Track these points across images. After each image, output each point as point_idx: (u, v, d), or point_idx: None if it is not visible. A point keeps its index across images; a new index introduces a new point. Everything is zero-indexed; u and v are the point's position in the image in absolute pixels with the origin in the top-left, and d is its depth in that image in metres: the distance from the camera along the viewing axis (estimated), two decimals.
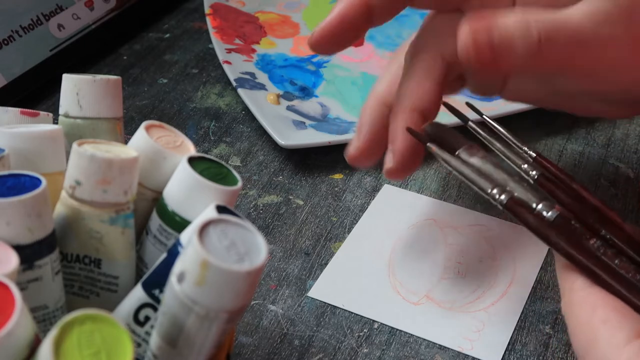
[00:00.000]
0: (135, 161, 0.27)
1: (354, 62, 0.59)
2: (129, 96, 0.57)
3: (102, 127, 0.32)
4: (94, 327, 0.21)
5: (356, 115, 0.53)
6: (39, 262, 0.25)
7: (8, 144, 0.28)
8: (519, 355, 0.38)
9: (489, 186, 0.32)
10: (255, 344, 0.39)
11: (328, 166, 0.50)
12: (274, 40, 0.61)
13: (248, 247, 0.24)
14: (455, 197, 0.47)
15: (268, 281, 0.42)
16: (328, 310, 0.40)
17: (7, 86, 0.54)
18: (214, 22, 0.61)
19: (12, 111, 0.32)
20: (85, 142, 0.27)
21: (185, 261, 0.23)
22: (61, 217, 0.27)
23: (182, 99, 0.56)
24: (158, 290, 0.26)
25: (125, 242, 0.28)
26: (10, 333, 0.21)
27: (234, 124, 0.54)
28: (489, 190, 0.32)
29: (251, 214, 0.46)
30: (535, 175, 0.34)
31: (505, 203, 0.31)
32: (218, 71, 0.59)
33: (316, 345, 0.39)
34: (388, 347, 0.38)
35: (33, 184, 0.25)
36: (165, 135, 0.30)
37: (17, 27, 0.55)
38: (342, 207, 0.47)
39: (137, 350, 0.27)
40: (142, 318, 0.27)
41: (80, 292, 0.28)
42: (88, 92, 0.31)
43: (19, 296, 0.21)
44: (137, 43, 0.63)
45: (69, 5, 0.58)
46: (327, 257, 0.43)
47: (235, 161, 0.51)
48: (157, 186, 0.29)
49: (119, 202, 0.27)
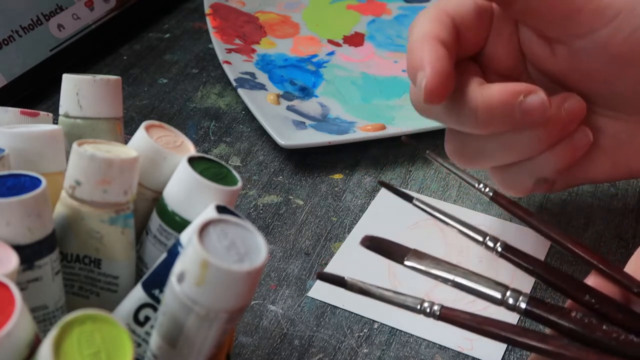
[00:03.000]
0: (135, 161, 0.27)
1: (354, 62, 0.59)
2: (129, 96, 0.57)
3: (102, 127, 0.32)
4: (94, 327, 0.21)
5: (356, 115, 0.53)
6: (39, 262, 0.25)
7: (8, 144, 0.28)
8: (519, 355, 0.38)
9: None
10: (255, 344, 0.39)
11: (328, 166, 0.50)
12: (274, 40, 0.61)
13: (248, 247, 0.24)
14: (455, 197, 0.47)
15: (268, 281, 0.42)
16: (328, 310, 0.40)
17: (7, 86, 0.54)
18: (214, 22, 0.61)
19: (12, 111, 0.32)
20: (85, 142, 0.27)
21: (185, 261, 0.23)
22: (61, 217, 0.27)
23: (182, 99, 0.56)
24: (158, 290, 0.26)
25: (125, 242, 0.28)
26: (10, 333, 0.21)
27: (234, 124, 0.54)
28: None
29: (251, 214, 0.46)
30: (499, 247, 0.33)
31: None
32: (218, 71, 0.59)
33: (316, 345, 0.39)
34: (388, 347, 0.38)
35: (33, 184, 0.25)
36: (165, 135, 0.30)
37: (17, 27, 0.55)
38: (342, 207, 0.47)
39: (137, 350, 0.27)
40: (142, 318, 0.27)
41: (80, 292, 0.28)
42: (88, 92, 0.31)
43: (19, 296, 0.21)
44: (137, 43, 0.63)
45: (69, 5, 0.58)
46: (327, 257, 0.43)
47: (235, 161, 0.51)
48: (157, 186, 0.29)
49: (119, 202, 0.27)
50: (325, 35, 0.62)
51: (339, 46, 0.61)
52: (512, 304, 0.31)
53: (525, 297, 0.31)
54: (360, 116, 0.53)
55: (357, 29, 0.63)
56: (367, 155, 0.51)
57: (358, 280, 0.32)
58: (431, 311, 0.31)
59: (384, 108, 0.54)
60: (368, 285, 0.32)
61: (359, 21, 0.64)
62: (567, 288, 0.32)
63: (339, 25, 0.63)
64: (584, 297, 0.31)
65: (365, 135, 0.50)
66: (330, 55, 0.59)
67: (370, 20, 0.64)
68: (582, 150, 0.38)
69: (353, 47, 0.61)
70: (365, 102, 0.54)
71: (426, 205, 0.35)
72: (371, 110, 0.53)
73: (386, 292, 0.32)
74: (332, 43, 0.61)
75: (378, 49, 0.60)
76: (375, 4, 0.66)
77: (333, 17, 0.64)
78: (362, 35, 0.62)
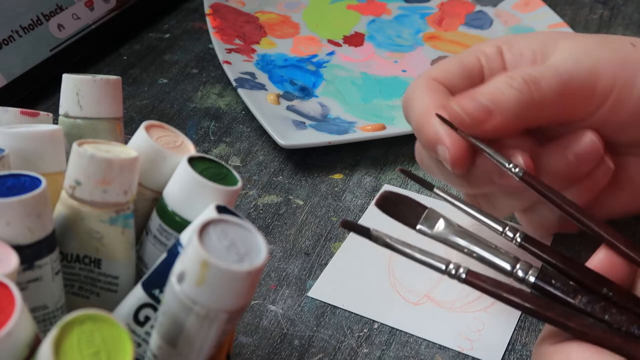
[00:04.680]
0: (135, 161, 0.27)
1: (354, 62, 0.59)
2: (129, 96, 0.57)
3: (102, 127, 0.32)
4: (94, 327, 0.21)
5: (356, 115, 0.53)
6: (39, 262, 0.25)
7: (8, 144, 0.28)
8: (519, 355, 0.38)
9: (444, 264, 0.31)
10: (255, 344, 0.39)
11: (328, 166, 0.50)
12: (274, 40, 0.61)
13: (248, 247, 0.24)
14: (456, 195, 0.47)
15: (268, 281, 0.42)
16: (328, 310, 0.40)
17: (7, 86, 0.54)
18: (214, 22, 0.61)
19: (12, 111, 0.32)
20: (85, 142, 0.27)
21: (185, 261, 0.23)
22: (61, 217, 0.27)
23: (182, 99, 0.56)
24: (158, 290, 0.26)
25: (125, 242, 0.28)
26: (10, 333, 0.21)
27: (234, 124, 0.54)
28: (447, 268, 0.31)
29: (251, 214, 0.46)
30: (519, 238, 0.33)
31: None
32: (218, 71, 0.59)
33: (316, 345, 0.39)
34: (388, 347, 0.38)
35: (33, 184, 0.25)
36: (165, 135, 0.30)
37: (17, 27, 0.55)
38: (342, 207, 0.47)
39: (137, 350, 0.27)
40: (142, 318, 0.27)
41: (80, 292, 0.28)
42: (88, 92, 0.31)
43: (19, 296, 0.21)
44: (137, 43, 0.63)
45: (69, 5, 0.58)
46: (327, 257, 0.43)
47: (235, 161, 0.51)
48: (157, 186, 0.29)
49: (119, 202, 0.27)
50: (325, 35, 0.62)
51: (339, 46, 0.61)
52: (521, 276, 0.31)
53: (535, 270, 0.31)
54: (360, 116, 0.53)
55: (357, 29, 0.63)
56: (367, 155, 0.51)
57: (384, 233, 0.31)
58: (457, 274, 0.31)
59: (384, 108, 0.54)
60: (394, 239, 0.31)
61: (359, 21, 0.64)
62: (585, 280, 0.32)
63: (339, 25, 0.63)
64: (601, 290, 0.31)
65: (365, 135, 0.50)
66: (330, 55, 0.59)
67: (370, 20, 0.64)
68: (603, 181, 0.38)
69: (353, 47, 0.61)
70: (365, 102, 0.54)
71: (447, 194, 0.36)
72: (371, 110, 0.53)
73: (411, 250, 0.31)
74: (332, 43, 0.61)
75: (378, 49, 0.60)
76: (375, 4, 0.66)
77: (333, 17, 0.64)
78: (362, 35, 0.62)
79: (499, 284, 0.31)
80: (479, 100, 0.35)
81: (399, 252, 0.31)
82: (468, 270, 0.31)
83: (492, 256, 0.32)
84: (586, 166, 0.37)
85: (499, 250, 0.32)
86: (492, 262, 0.32)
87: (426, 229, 0.34)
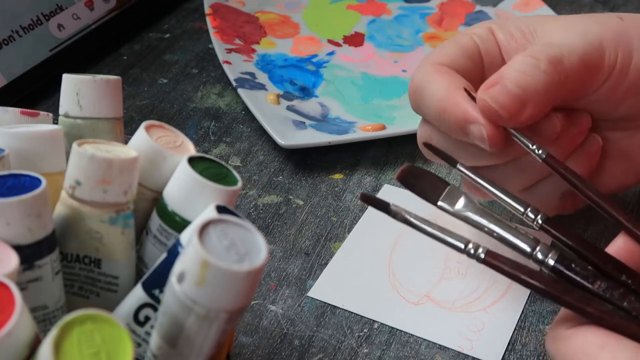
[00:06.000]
0: (135, 161, 0.27)
1: (354, 62, 0.59)
2: (129, 96, 0.57)
3: (102, 127, 0.32)
4: (94, 327, 0.21)
5: (356, 115, 0.53)
6: (39, 262, 0.25)
7: (8, 144, 0.28)
8: (519, 355, 0.38)
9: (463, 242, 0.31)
10: (255, 344, 0.39)
11: (328, 166, 0.50)
12: (274, 40, 0.61)
13: (248, 247, 0.24)
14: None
15: (268, 281, 0.42)
16: (328, 310, 0.40)
17: (7, 86, 0.54)
18: (214, 22, 0.61)
19: (12, 111, 0.32)
20: (85, 142, 0.27)
21: (185, 261, 0.23)
22: (61, 217, 0.27)
23: (182, 99, 0.56)
24: (158, 290, 0.26)
25: (125, 242, 0.28)
26: (10, 333, 0.21)
27: (234, 124, 0.54)
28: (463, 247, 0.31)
29: (251, 214, 0.46)
30: (540, 219, 0.33)
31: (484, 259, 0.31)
32: (218, 71, 0.59)
33: (316, 345, 0.39)
34: (388, 347, 0.38)
35: (33, 184, 0.25)
36: (165, 135, 0.30)
37: (17, 27, 0.55)
38: (342, 207, 0.47)
39: (137, 350, 0.27)
40: (142, 318, 0.27)
41: (80, 292, 0.28)
42: (88, 92, 0.31)
43: (19, 296, 0.21)
44: (137, 43, 0.63)
45: (69, 5, 0.58)
46: (327, 257, 0.43)
47: (235, 161, 0.51)
48: (157, 186, 0.29)
49: (119, 202, 0.27)
50: (325, 35, 0.62)
51: (339, 46, 0.61)
52: (540, 258, 0.31)
53: (555, 253, 0.31)
54: (360, 116, 0.53)
55: (357, 29, 0.63)
56: (367, 155, 0.51)
57: (403, 209, 0.31)
58: (476, 253, 0.31)
59: (384, 108, 0.54)
60: (413, 215, 0.31)
61: (359, 21, 0.64)
62: (603, 266, 0.31)
63: (339, 25, 0.63)
64: (620, 277, 0.31)
65: (365, 135, 0.50)
66: (330, 55, 0.59)
67: (370, 20, 0.64)
68: (595, 157, 0.38)
69: (353, 47, 0.61)
70: (365, 102, 0.54)
71: (470, 170, 0.35)
72: (371, 110, 0.53)
73: (430, 227, 0.31)
74: (332, 43, 0.61)
75: (378, 49, 0.60)
76: (375, 4, 0.66)
77: (333, 17, 0.64)
78: (362, 35, 0.62)
79: (517, 266, 0.30)
80: (509, 88, 0.34)
81: (417, 229, 0.31)
82: (487, 250, 0.31)
83: (512, 237, 0.32)
84: (581, 137, 0.37)
85: (519, 232, 0.32)
86: (512, 242, 0.32)
87: (447, 206, 0.34)
